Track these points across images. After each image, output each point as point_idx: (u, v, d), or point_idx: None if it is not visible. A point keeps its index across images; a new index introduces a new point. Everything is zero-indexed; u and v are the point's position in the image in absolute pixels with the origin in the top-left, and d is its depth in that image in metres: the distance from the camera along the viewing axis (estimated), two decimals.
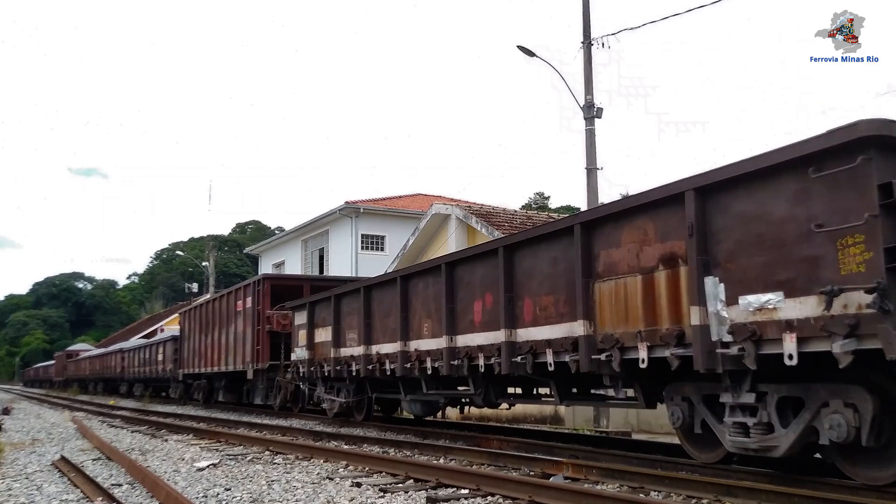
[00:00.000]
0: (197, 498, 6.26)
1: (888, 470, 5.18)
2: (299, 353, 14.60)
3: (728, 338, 5.54)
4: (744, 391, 5.79)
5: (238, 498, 6.26)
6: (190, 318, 23.48)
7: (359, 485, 6.77)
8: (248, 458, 9.02)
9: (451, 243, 20.70)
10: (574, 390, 8.43)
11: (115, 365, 35.29)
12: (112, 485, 7.03)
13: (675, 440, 9.02)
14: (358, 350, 11.87)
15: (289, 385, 15.97)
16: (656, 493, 5.97)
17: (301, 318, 14.68)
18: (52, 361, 58.73)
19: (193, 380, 23.28)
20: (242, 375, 17.91)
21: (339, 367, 12.56)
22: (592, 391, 8.32)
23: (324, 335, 13.53)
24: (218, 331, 19.98)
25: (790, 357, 5.07)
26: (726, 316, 5.59)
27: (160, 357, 27.26)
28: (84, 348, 56.94)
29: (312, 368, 13.83)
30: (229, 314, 19.18)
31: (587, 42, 15.44)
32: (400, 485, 6.73)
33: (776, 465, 6.11)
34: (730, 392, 5.91)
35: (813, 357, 5.06)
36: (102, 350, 44.97)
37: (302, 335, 14.55)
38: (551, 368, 7.50)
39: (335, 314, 12.89)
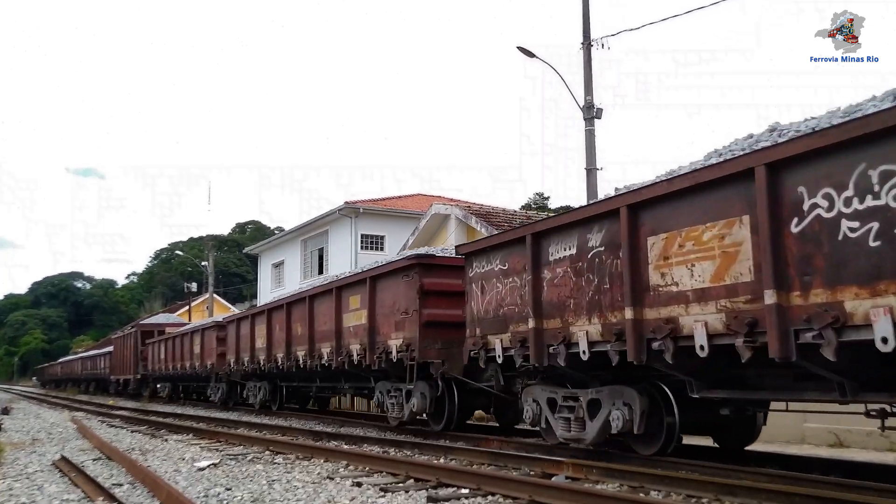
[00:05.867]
0: (198, 497, 6.26)
1: None
2: None
3: None
4: None
5: (239, 497, 6.27)
6: None
7: (359, 484, 6.78)
8: (249, 458, 9.03)
9: (450, 243, 20.67)
10: None
11: (296, 340, 14.58)
12: (113, 485, 7.04)
13: None
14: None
15: None
16: (656, 492, 5.97)
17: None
18: (108, 349, 35.48)
19: None
20: None
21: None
22: None
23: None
24: None
25: None
26: None
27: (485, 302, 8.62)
28: (173, 321, 32.73)
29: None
30: None
31: (587, 42, 15.46)
32: (400, 484, 6.74)
33: None
34: None
35: None
36: (238, 311, 23.82)
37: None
38: None
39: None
